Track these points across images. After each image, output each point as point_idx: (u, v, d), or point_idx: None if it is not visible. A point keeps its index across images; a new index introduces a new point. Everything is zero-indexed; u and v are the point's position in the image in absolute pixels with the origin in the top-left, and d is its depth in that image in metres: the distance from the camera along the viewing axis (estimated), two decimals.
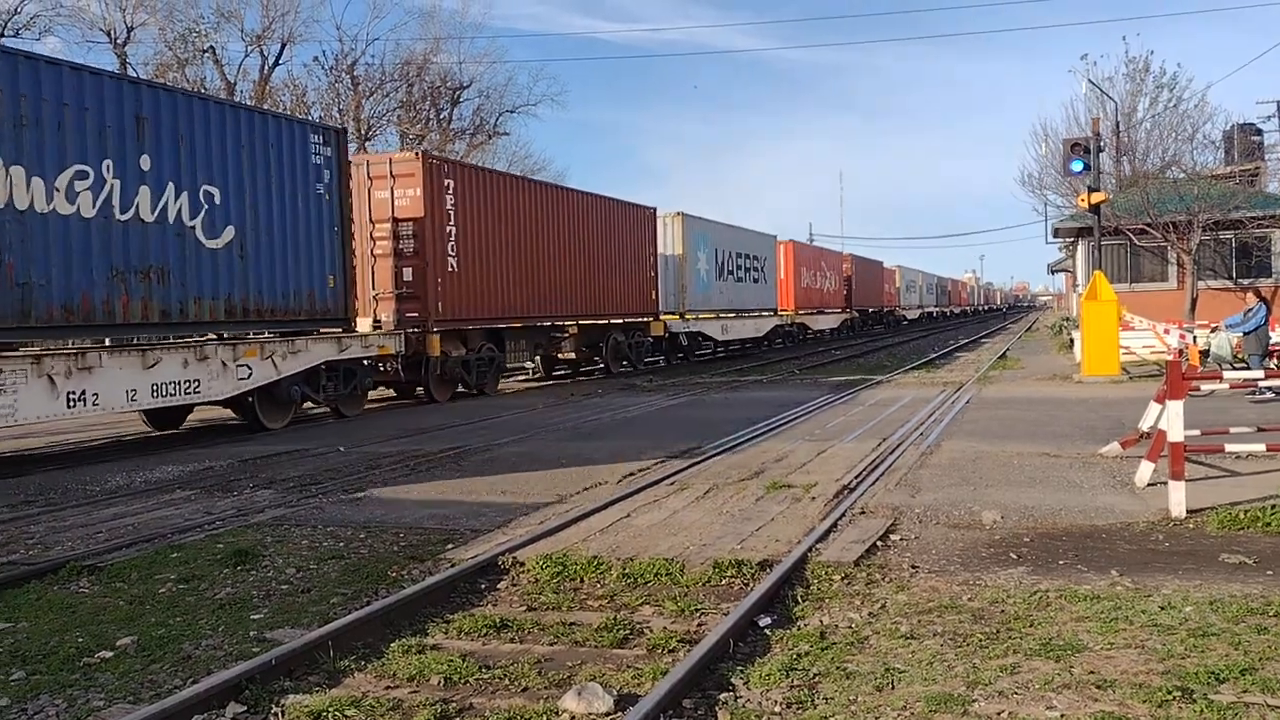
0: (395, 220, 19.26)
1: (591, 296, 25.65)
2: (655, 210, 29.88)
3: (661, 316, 29.65)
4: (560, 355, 26.66)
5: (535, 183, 26.04)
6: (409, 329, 18.77)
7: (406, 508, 9.06)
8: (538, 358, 25.90)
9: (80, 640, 5.62)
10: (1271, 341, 17.78)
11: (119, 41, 38.37)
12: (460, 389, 21.14)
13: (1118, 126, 31.68)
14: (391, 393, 21.34)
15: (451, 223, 19.86)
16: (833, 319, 50.05)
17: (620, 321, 27.73)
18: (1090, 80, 31.50)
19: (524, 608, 6.09)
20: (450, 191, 19.92)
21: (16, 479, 11.39)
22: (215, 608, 6.19)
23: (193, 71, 39.68)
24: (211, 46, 40.18)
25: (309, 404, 17.02)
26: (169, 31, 39.15)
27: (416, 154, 20.09)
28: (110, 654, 5.38)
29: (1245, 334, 16.91)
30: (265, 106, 35.56)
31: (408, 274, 19.17)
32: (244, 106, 16.90)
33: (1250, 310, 16.99)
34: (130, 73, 36.93)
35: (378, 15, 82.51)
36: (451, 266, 19.78)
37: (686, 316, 31.14)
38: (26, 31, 34.88)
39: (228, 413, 16.70)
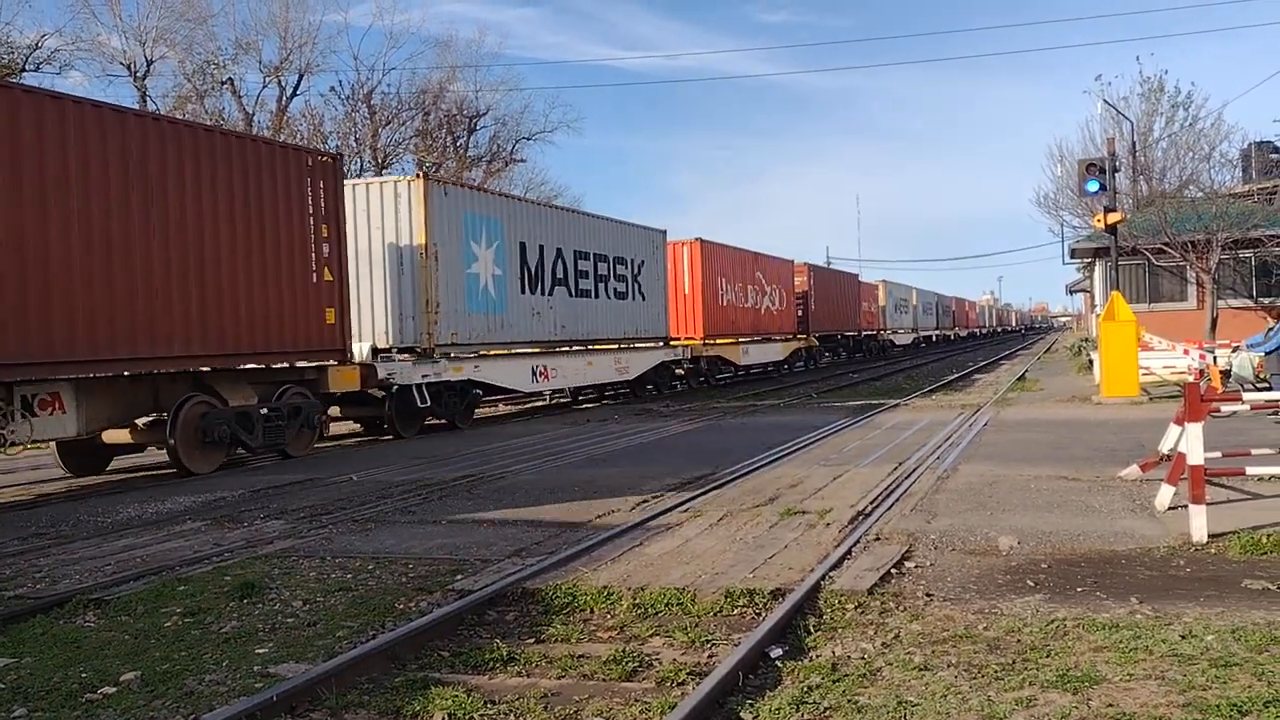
0: None
1: (112, 318, 12.70)
2: (336, 160, 16.97)
3: (361, 359, 17.28)
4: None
5: None
6: None
7: (416, 537, 9.00)
8: (53, 445, 14.42)
9: (84, 676, 5.56)
10: None
11: (139, 75, 38.88)
12: None
13: (1134, 146, 31.55)
14: None
15: None
16: (775, 349, 37.83)
17: (234, 369, 14.97)
18: (1105, 100, 31.41)
19: (532, 640, 6.01)
20: None
21: (30, 511, 11.40)
22: (220, 642, 6.12)
23: (211, 103, 40.17)
24: (230, 78, 40.72)
25: None
26: (188, 64, 39.70)
27: None
28: (113, 690, 5.32)
29: (1267, 354, 16.69)
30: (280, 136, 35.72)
31: None
32: None
33: (1272, 329, 16.78)
34: (150, 107, 37.39)
35: (394, 45, 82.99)
36: None
37: (440, 354, 18.93)
38: (47, 66, 35.38)
39: None
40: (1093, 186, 21.42)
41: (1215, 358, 20.14)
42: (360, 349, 17.37)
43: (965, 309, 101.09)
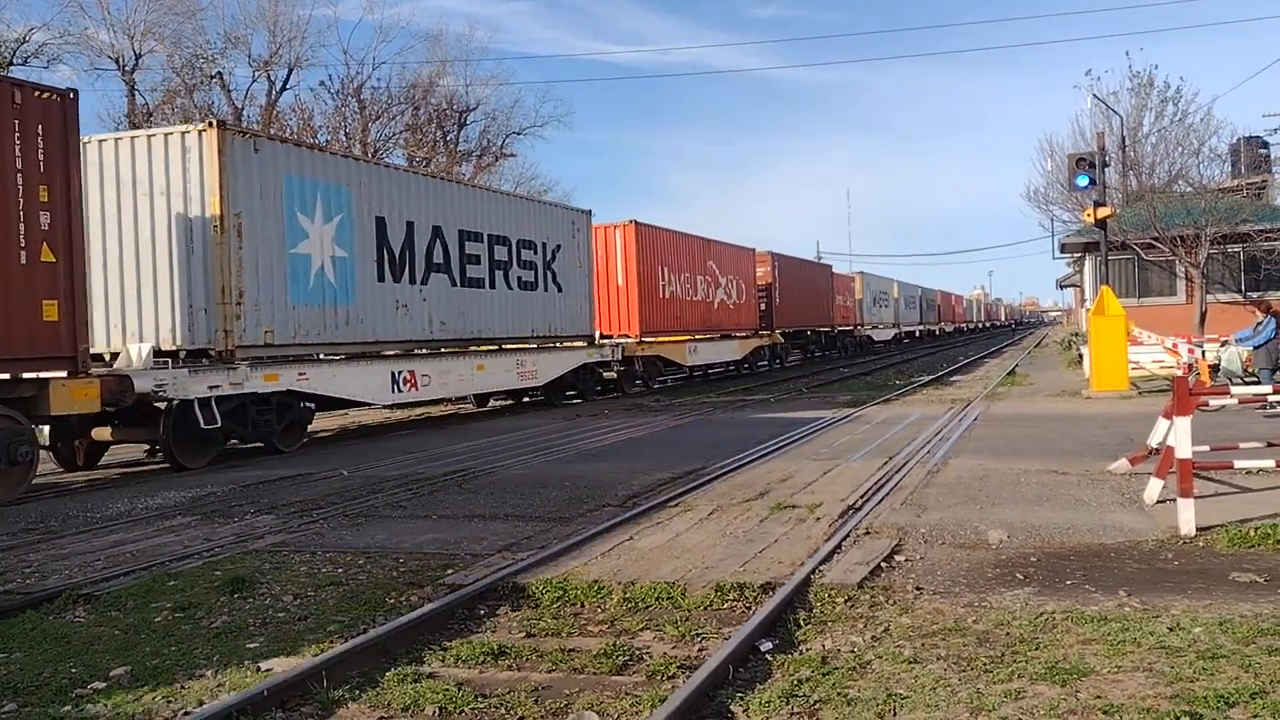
0: None
1: None
2: (66, 98, 12.37)
3: (133, 365, 13.80)
4: None
5: None
6: None
7: (407, 532, 9.00)
8: None
9: (74, 671, 5.55)
10: None
11: (127, 69, 38.67)
12: None
13: (1123, 141, 31.57)
14: None
15: None
16: (730, 347, 34.37)
17: None
18: (1095, 95, 31.41)
19: (523, 634, 6.01)
20: None
21: (18, 506, 11.35)
22: (211, 636, 6.12)
23: (200, 97, 40.01)
24: (219, 72, 40.54)
25: None
26: (177, 58, 39.49)
27: None
28: (103, 685, 5.31)
29: (1255, 348, 16.78)
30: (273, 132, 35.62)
31: None
32: None
33: (1260, 324, 16.86)
34: (139, 100, 37.27)
35: (384, 39, 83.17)
36: None
37: (245, 357, 14.86)
38: (35, 59, 35.18)
39: None
40: (1082, 181, 21.50)
41: (1204, 352, 20.23)
42: (136, 352, 13.91)
43: (951, 303, 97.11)
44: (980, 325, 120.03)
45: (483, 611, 6.48)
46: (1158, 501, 8.74)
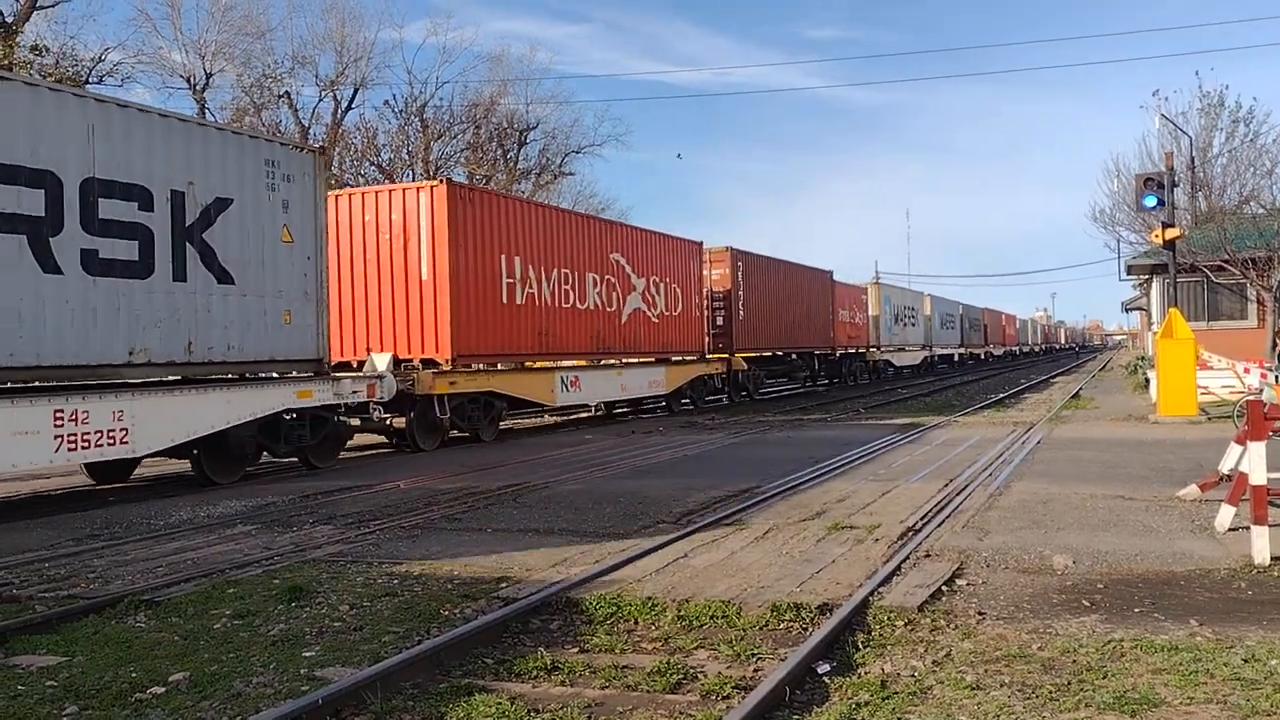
0: None
1: None
2: None
3: None
4: None
5: None
6: None
7: (462, 545, 9.01)
8: None
9: (134, 675, 5.61)
10: None
11: (198, 88, 39.63)
12: None
13: (1192, 161, 30.95)
14: None
15: None
16: (652, 377, 25.29)
17: None
18: (1163, 115, 30.85)
19: (576, 649, 5.97)
20: None
21: (83, 513, 11.58)
22: (268, 644, 6.16)
23: (268, 115, 40.83)
24: (287, 91, 41.38)
25: None
26: (246, 77, 40.39)
27: None
28: (162, 690, 5.36)
29: None
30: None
31: None
32: None
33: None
34: (209, 118, 38.08)
35: (447, 59, 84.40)
36: None
37: None
38: (110, 79, 36.12)
39: None
40: (1150, 202, 21.07)
41: (1277, 377, 19.69)
42: None
43: (1001, 323, 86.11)
44: (1038, 349, 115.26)
45: (536, 625, 6.45)
46: (1230, 529, 8.48)
